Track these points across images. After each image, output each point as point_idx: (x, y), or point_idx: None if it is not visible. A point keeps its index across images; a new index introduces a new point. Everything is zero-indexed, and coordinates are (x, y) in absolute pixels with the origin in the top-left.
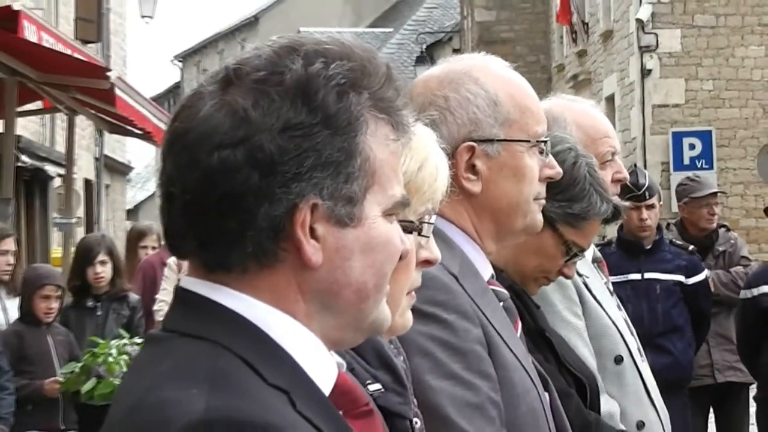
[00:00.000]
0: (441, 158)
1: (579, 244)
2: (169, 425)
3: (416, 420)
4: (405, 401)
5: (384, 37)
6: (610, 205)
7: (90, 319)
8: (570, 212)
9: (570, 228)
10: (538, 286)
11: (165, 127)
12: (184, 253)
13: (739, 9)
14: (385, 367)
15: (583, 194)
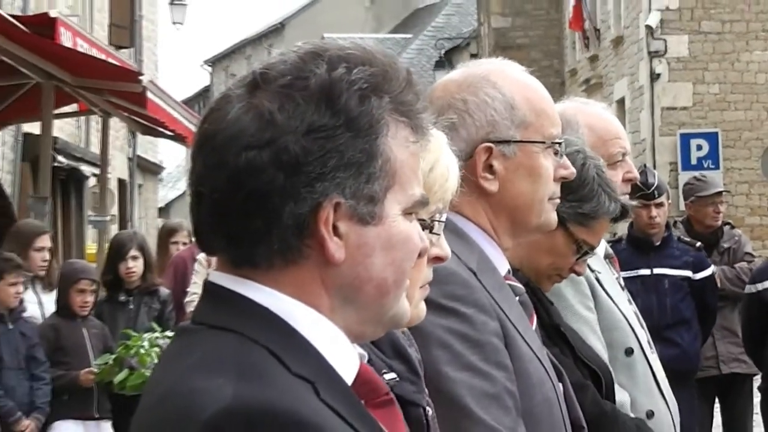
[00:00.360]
0: (451, 160)
1: (589, 242)
2: (198, 413)
3: (429, 408)
4: (419, 390)
5: (404, 42)
6: (618, 204)
7: (122, 313)
8: (580, 212)
9: (580, 227)
10: (552, 283)
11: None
12: (212, 249)
13: (744, 15)
14: (400, 357)
15: (592, 194)
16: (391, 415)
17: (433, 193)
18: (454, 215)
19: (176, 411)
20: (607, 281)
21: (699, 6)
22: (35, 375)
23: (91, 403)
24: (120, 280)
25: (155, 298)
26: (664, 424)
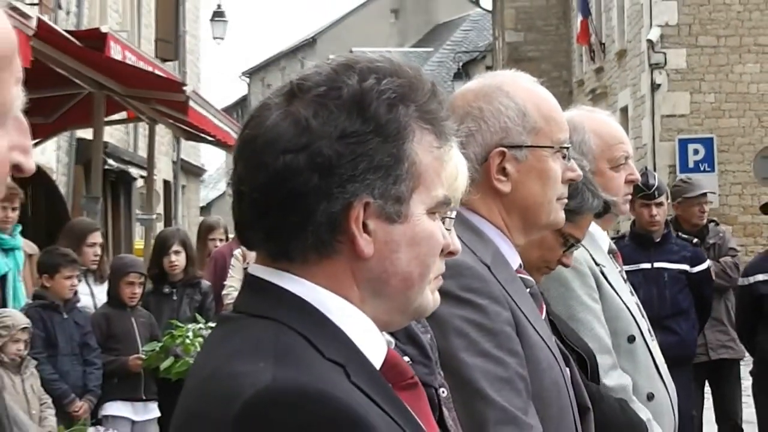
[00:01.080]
0: (461, 160)
1: (575, 235)
2: (239, 394)
3: (443, 390)
4: (430, 372)
5: (425, 56)
6: (600, 200)
7: (167, 303)
8: (566, 208)
9: (567, 222)
10: (541, 275)
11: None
12: (252, 244)
13: (738, 31)
14: (412, 342)
15: (576, 192)
16: (416, 397)
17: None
18: (470, 214)
19: (219, 392)
20: (611, 274)
21: (696, 22)
22: (88, 360)
23: (139, 386)
24: (164, 273)
25: (196, 289)
26: (663, 406)
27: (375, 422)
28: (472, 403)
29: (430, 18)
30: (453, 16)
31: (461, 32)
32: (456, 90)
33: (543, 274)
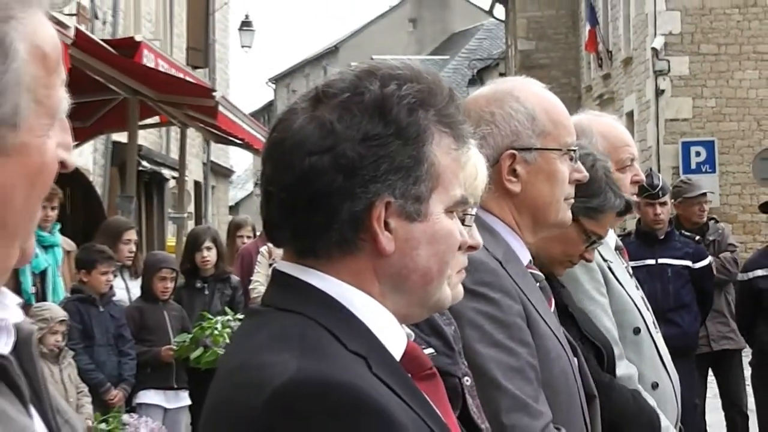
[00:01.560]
0: (480, 160)
1: (597, 232)
2: (267, 384)
3: (466, 378)
4: (453, 362)
5: (442, 63)
6: (622, 199)
7: (198, 297)
8: (589, 206)
9: (590, 220)
10: (564, 269)
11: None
12: (279, 241)
13: (738, 39)
14: (436, 334)
15: (600, 191)
16: (434, 387)
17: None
18: (483, 213)
19: (248, 382)
20: (617, 269)
21: (698, 31)
22: (122, 351)
23: (171, 375)
24: (196, 268)
25: (227, 284)
26: (667, 394)
27: (395, 411)
28: (485, 391)
29: (446, 27)
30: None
31: (476, 41)
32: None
33: (565, 268)
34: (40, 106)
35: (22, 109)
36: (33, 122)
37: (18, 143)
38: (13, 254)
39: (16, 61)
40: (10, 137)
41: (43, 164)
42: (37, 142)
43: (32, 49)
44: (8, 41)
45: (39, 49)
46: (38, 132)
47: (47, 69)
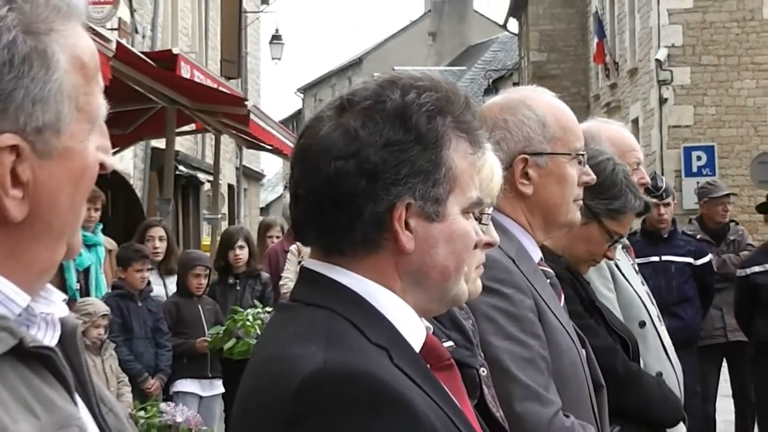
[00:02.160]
0: (496, 163)
1: (619, 232)
2: (295, 374)
3: (483, 369)
4: (472, 354)
5: (459, 73)
6: (641, 201)
7: (231, 293)
8: (611, 208)
9: (612, 220)
10: (588, 267)
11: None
12: (306, 240)
13: (736, 51)
14: (456, 329)
15: (620, 193)
16: (452, 377)
17: (482, 190)
18: (497, 213)
19: (278, 372)
20: (624, 267)
21: (699, 44)
22: (159, 343)
23: (206, 365)
24: (229, 265)
25: (257, 280)
26: (671, 383)
27: (415, 400)
28: (499, 381)
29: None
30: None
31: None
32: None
33: (589, 266)
34: (81, 113)
35: (65, 116)
36: (75, 128)
37: (61, 148)
38: (60, 251)
39: (58, 71)
40: (53, 142)
41: (85, 167)
42: (79, 147)
43: (72, 59)
44: (50, 52)
45: (79, 59)
46: (80, 137)
47: (86, 78)
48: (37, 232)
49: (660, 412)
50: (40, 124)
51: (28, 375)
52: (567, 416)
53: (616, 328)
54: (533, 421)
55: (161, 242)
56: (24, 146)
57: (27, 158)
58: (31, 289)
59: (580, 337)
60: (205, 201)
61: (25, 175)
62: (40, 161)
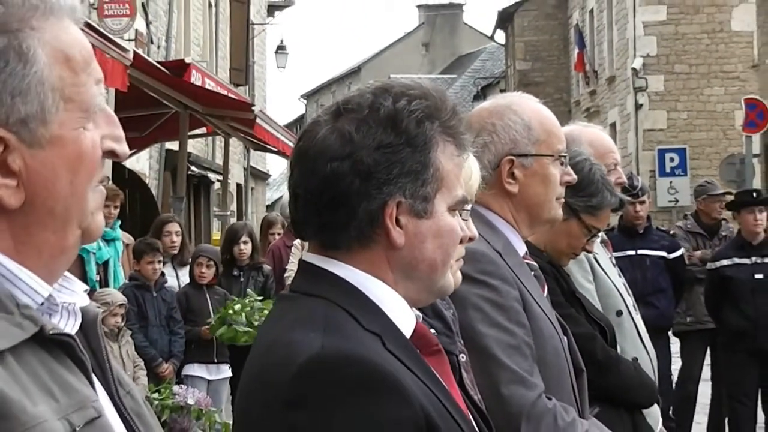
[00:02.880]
0: (474, 164)
1: (597, 226)
2: (296, 358)
3: (462, 355)
4: (452, 341)
5: (450, 81)
6: (617, 198)
7: (235, 284)
8: (589, 204)
9: (590, 216)
10: (569, 260)
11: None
12: (305, 236)
13: (706, 61)
14: (438, 317)
15: (598, 191)
16: (440, 362)
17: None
18: (485, 210)
19: (279, 357)
20: (602, 260)
21: (672, 53)
22: (173, 331)
23: (212, 351)
24: (234, 259)
25: (260, 272)
26: (645, 368)
27: (406, 382)
28: (487, 365)
29: (454, 50)
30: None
31: (480, 62)
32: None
33: (570, 259)
34: (69, 102)
35: (49, 106)
36: (64, 117)
37: (50, 136)
38: (70, 235)
39: (36, 64)
40: (41, 131)
41: (81, 152)
42: (72, 135)
43: (54, 52)
44: (26, 48)
45: (62, 52)
46: (71, 125)
47: (73, 69)
48: (41, 217)
49: (636, 394)
50: (23, 115)
51: (48, 360)
52: (549, 398)
53: (595, 317)
54: (518, 403)
55: (177, 237)
56: (9, 137)
57: (15, 148)
58: (49, 276)
59: (562, 326)
60: (215, 199)
61: (16, 164)
62: (30, 150)
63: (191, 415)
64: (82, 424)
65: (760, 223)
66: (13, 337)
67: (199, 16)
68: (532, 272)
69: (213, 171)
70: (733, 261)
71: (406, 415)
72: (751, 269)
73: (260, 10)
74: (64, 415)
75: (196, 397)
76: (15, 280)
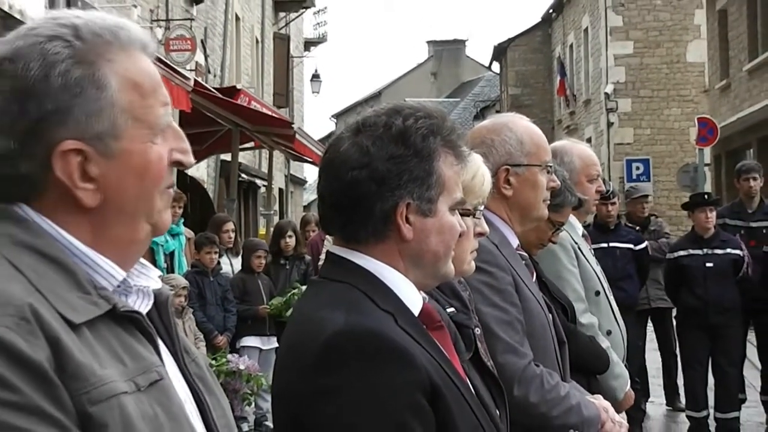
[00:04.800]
0: (487, 172)
1: (560, 221)
2: (323, 332)
3: (477, 329)
4: (469, 318)
5: (455, 104)
6: (576, 197)
7: (282, 271)
8: (554, 203)
9: (554, 213)
10: (538, 250)
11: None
12: (331, 231)
13: (666, 86)
14: (456, 297)
15: (560, 192)
16: (443, 336)
17: (476, 192)
18: (485, 210)
19: (309, 331)
20: (584, 249)
21: (638, 81)
22: (227, 309)
23: (265, 325)
24: (281, 250)
25: (302, 261)
26: (618, 338)
27: (414, 352)
28: (485, 338)
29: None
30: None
31: (479, 88)
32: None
33: (539, 249)
34: (138, 122)
35: (120, 125)
36: (133, 133)
37: (122, 149)
38: (140, 229)
39: (108, 90)
40: (113, 145)
41: (147, 162)
42: (139, 148)
43: (124, 80)
44: (99, 76)
45: (131, 80)
46: (140, 140)
47: (141, 94)
48: (114, 214)
49: (591, 362)
50: (97, 132)
51: (120, 333)
52: (537, 365)
53: (558, 297)
54: (511, 369)
55: (232, 233)
56: (88, 149)
57: (93, 159)
58: (123, 263)
59: (548, 305)
60: (261, 201)
61: (94, 171)
62: (105, 160)
63: (242, 379)
64: (147, 384)
65: (710, 221)
66: (89, 312)
67: (248, 51)
68: (523, 261)
69: (259, 178)
70: (688, 252)
71: (413, 379)
72: (703, 259)
73: (298, 46)
74: (131, 377)
75: (246, 363)
76: (94, 266)
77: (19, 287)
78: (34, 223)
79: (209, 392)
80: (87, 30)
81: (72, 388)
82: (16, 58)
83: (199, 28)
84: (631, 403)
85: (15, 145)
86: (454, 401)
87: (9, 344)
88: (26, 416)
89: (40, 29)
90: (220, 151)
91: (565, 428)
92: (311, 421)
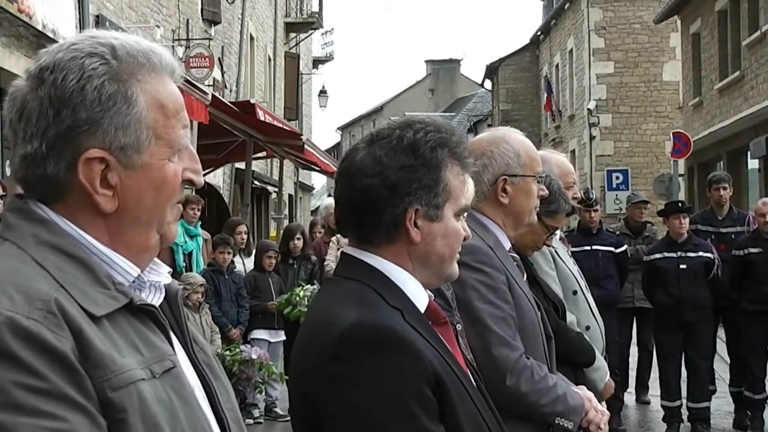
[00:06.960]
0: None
1: (555, 226)
2: (336, 326)
3: (458, 325)
4: (451, 314)
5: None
6: (569, 205)
7: (290, 270)
8: (548, 210)
9: (549, 218)
10: (532, 252)
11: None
12: (346, 233)
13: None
14: (440, 296)
15: (555, 200)
16: (447, 331)
17: None
18: (481, 216)
19: (324, 325)
20: (561, 252)
21: (618, 98)
22: (240, 304)
23: (274, 320)
24: (290, 251)
25: (309, 262)
26: (596, 333)
27: (419, 345)
28: (481, 332)
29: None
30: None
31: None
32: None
33: (533, 251)
34: (160, 139)
35: (144, 140)
36: (154, 149)
37: (142, 162)
38: (152, 238)
39: (137, 107)
40: (135, 158)
41: (164, 178)
42: (158, 163)
43: (152, 100)
44: (130, 93)
45: (158, 101)
46: (159, 156)
47: (165, 115)
48: (130, 221)
49: (578, 356)
50: (122, 144)
51: (136, 324)
52: (528, 358)
53: (549, 296)
54: (504, 361)
55: (245, 235)
56: (111, 159)
57: (114, 168)
58: (138, 264)
59: (537, 303)
60: (272, 206)
61: (113, 180)
62: (126, 171)
63: (255, 367)
64: (161, 372)
65: (683, 227)
66: (108, 306)
67: (261, 68)
68: (515, 262)
69: (271, 184)
70: (664, 255)
71: (418, 370)
72: (677, 261)
73: (307, 63)
74: (147, 365)
75: (258, 353)
76: (112, 263)
77: (45, 283)
78: (55, 223)
79: (216, 378)
80: (123, 50)
81: (94, 376)
82: (57, 69)
83: (217, 47)
84: (611, 393)
85: (45, 147)
86: (455, 392)
87: (38, 336)
88: (54, 401)
89: (80, 45)
90: (235, 160)
91: (552, 416)
92: (325, 404)
